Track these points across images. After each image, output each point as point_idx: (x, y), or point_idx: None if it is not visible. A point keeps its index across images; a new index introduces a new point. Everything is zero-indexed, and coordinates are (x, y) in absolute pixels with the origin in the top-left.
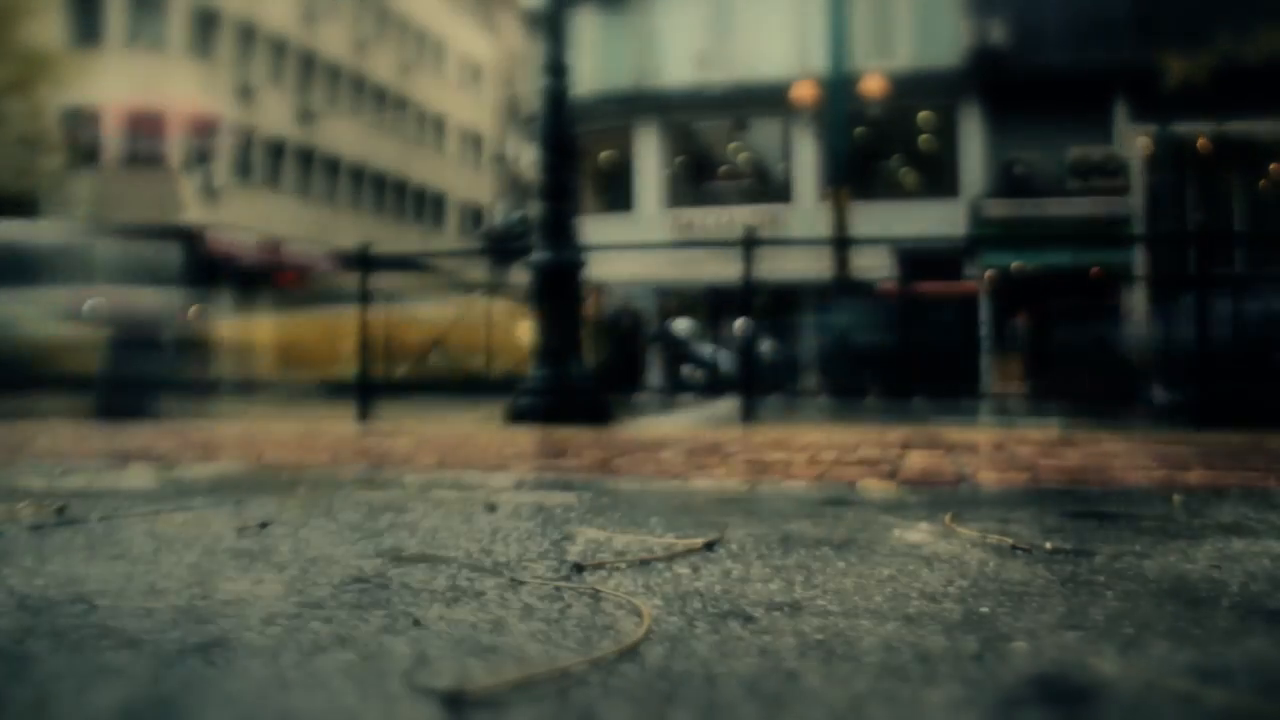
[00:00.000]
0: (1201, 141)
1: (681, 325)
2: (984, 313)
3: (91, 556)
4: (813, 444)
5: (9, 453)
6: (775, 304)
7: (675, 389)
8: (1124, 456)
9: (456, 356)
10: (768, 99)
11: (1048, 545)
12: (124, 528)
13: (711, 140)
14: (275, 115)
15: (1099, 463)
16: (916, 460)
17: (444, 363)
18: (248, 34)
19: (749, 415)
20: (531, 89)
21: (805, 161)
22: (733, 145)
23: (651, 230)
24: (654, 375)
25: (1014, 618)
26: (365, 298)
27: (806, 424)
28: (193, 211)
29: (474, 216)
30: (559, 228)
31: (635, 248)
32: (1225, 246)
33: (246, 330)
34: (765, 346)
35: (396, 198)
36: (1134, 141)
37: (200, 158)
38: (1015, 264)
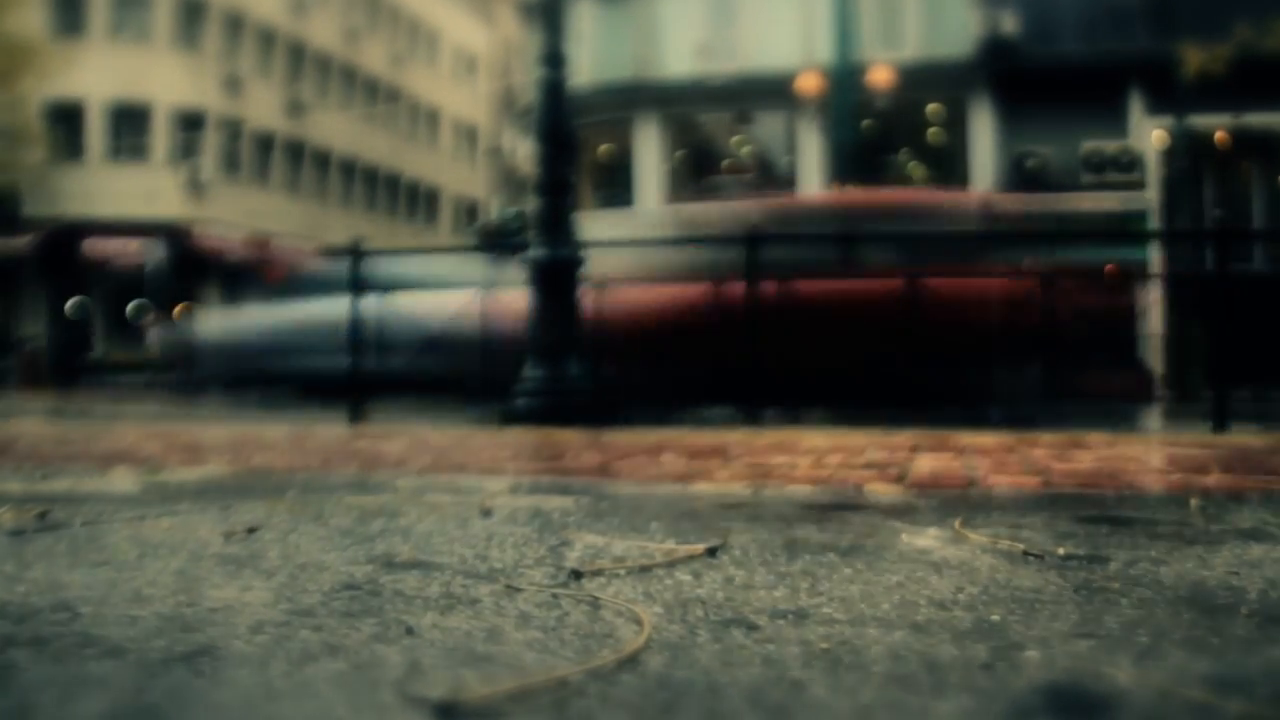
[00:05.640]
0: (1219, 135)
1: None
2: None
3: (74, 562)
4: (818, 447)
5: None
6: None
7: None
8: (1139, 460)
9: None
10: (772, 91)
11: (1060, 551)
12: (108, 533)
13: (714, 133)
14: (264, 107)
15: (1113, 466)
16: (925, 464)
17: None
18: (235, 24)
19: (751, 417)
20: (528, 80)
21: (810, 155)
22: (736, 138)
23: (652, 226)
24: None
25: (1025, 625)
26: (357, 293)
27: (811, 426)
28: (178, 207)
29: (469, 212)
30: (557, 223)
31: (635, 244)
32: (1244, 244)
33: None
34: None
35: (389, 192)
36: (1149, 135)
37: (186, 151)
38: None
